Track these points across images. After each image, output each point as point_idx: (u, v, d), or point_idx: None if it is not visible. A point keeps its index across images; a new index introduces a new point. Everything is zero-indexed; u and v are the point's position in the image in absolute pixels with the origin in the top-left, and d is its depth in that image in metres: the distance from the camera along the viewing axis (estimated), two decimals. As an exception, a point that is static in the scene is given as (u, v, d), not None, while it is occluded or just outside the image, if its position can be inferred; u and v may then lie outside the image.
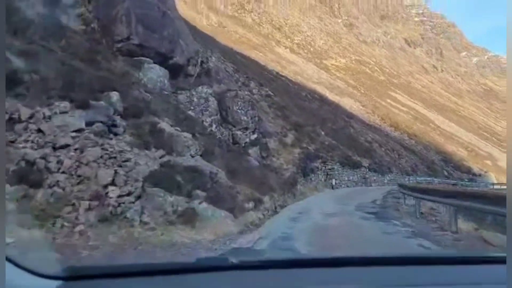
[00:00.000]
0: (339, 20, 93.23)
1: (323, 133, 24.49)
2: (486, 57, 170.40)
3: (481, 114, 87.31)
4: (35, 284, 1.14)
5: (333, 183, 23.57)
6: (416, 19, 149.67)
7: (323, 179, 23.23)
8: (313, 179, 22.31)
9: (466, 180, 38.38)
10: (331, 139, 24.10)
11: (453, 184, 28.56)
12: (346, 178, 25.42)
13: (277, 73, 29.40)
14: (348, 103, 31.09)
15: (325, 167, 23.25)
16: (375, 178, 28.03)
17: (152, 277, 1.33)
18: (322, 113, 25.57)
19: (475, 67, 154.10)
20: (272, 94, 23.86)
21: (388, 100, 45.37)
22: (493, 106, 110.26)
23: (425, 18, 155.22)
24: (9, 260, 1.08)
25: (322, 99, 29.71)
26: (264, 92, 23.88)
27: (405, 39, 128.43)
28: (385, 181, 28.74)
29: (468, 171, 42.64)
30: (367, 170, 27.22)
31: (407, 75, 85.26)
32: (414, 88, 72.29)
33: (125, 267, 1.64)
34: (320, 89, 31.11)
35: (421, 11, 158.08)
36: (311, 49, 52.94)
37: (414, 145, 32.04)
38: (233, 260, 1.41)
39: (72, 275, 1.28)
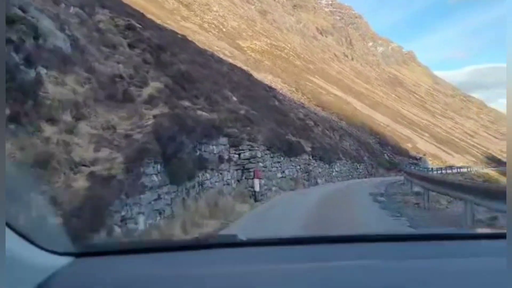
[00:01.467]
0: (252, 7, 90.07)
1: (235, 98, 14.88)
2: (390, 47, 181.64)
3: (390, 99, 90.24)
4: (45, 260, 1.12)
5: (256, 190, 12.18)
6: (326, 9, 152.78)
7: (232, 180, 11.85)
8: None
9: (410, 163, 37.41)
10: (248, 107, 14.46)
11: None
12: (279, 174, 15.22)
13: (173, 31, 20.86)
14: (267, 78, 26.77)
15: (238, 154, 12.22)
16: (320, 170, 19.93)
17: (162, 253, 1.36)
18: (233, 77, 16.70)
19: (381, 56, 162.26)
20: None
21: (308, 83, 42.54)
22: (399, 92, 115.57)
23: (334, 9, 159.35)
24: (19, 234, 1.06)
25: (234, 66, 22.47)
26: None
27: (317, 27, 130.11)
28: (333, 173, 22.21)
29: (407, 154, 41.41)
30: (310, 157, 18.61)
31: (321, 62, 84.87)
32: (329, 74, 71.40)
33: (136, 243, 1.72)
34: (234, 62, 26.29)
35: (330, 2, 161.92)
36: (223, 29, 48.58)
37: (346, 126, 28.94)
38: (242, 237, 1.44)
39: (83, 251, 1.29)
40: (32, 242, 1.10)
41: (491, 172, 54.89)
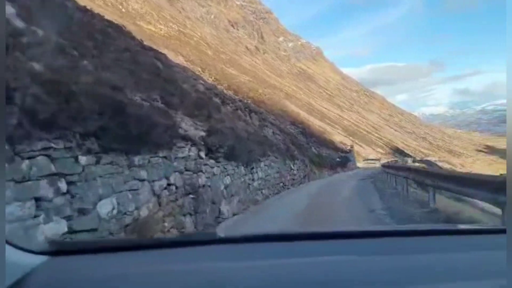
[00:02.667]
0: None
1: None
2: (299, 43, 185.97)
3: (302, 93, 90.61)
4: (20, 259, 1.11)
5: None
6: (237, 2, 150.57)
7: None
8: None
9: (341, 157, 35.73)
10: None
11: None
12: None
13: None
14: (170, 54, 22.40)
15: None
16: (228, 182, 9.40)
17: (140, 251, 1.33)
18: (126, 45, 12.44)
19: (291, 51, 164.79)
20: None
21: (219, 68, 38.80)
22: (310, 87, 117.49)
23: (245, 3, 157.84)
24: None
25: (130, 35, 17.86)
26: None
27: (228, 20, 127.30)
28: (255, 183, 11.94)
29: (335, 146, 39.35)
30: (202, 153, 8.34)
31: (234, 54, 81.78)
32: (242, 66, 68.47)
33: (113, 242, 1.65)
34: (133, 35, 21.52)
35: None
36: (123, 10, 42.76)
37: (266, 113, 25.52)
38: (221, 234, 1.45)
39: (57, 249, 1.26)
40: (6, 241, 1.08)
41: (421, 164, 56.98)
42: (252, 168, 11.43)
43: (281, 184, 15.53)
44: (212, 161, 7.83)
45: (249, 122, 17.21)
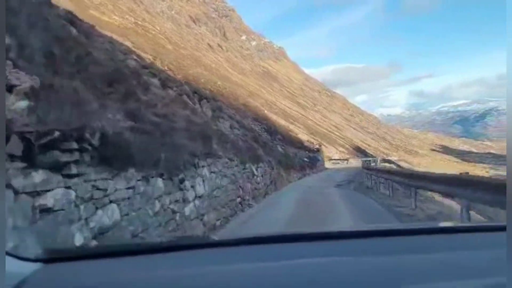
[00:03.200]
0: (116, -15, 79.95)
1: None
2: (262, 42, 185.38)
3: (265, 92, 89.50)
4: (13, 267, 1.12)
5: None
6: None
7: None
8: None
9: (309, 157, 34.23)
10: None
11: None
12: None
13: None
14: (117, 38, 20.14)
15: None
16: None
17: (134, 256, 1.33)
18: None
19: (254, 50, 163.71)
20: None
21: (174, 58, 36.46)
22: (273, 86, 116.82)
23: (207, 0, 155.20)
24: None
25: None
26: None
27: (190, 16, 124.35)
28: (187, 211, 6.33)
29: (302, 145, 37.69)
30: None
31: (195, 50, 79.34)
32: (204, 62, 66.21)
33: (107, 247, 1.67)
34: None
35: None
36: (73, -2, 39.73)
37: (226, 107, 23.42)
38: (215, 237, 1.51)
39: (52, 257, 1.27)
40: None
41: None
42: (183, 180, 6.30)
43: (239, 199, 10.66)
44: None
45: (197, 111, 13.52)
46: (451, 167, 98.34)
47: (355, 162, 49.87)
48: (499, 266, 1.06)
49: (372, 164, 39.26)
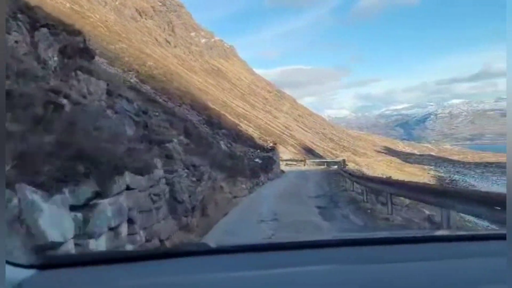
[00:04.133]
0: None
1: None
2: (213, 40, 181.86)
3: (215, 90, 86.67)
4: (7, 273, 1.10)
5: None
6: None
7: None
8: None
9: (263, 157, 29.02)
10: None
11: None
12: None
13: None
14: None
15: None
16: None
17: (130, 263, 1.33)
18: None
19: (204, 47, 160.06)
20: None
21: (115, 50, 32.94)
22: (223, 84, 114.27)
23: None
24: None
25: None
26: None
27: (136, 9, 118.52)
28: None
29: (254, 143, 34.28)
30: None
31: (140, 43, 74.76)
32: (150, 55, 62.12)
33: (102, 254, 1.64)
34: None
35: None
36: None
37: (165, 101, 20.27)
38: (211, 245, 1.47)
39: (46, 263, 1.26)
40: None
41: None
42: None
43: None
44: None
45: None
46: (394, 167, 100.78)
47: (310, 164, 47.04)
48: (492, 275, 1.06)
49: (334, 167, 37.17)
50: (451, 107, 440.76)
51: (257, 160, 25.95)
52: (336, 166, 37.80)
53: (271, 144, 36.21)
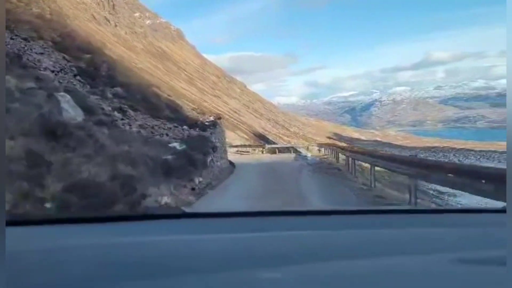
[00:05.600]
0: None
1: None
2: (158, 21, 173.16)
3: (159, 72, 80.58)
4: None
5: None
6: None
7: None
8: None
9: (191, 138, 24.33)
10: None
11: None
12: None
13: None
14: None
15: None
16: None
17: (102, 223, 1.32)
18: None
19: (148, 29, 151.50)
20: None
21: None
22: (168, 67, 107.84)
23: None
24: None
25: None
26: None
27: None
28: None
29: (184, 115, 28.71)
30: None
31: (73, 19, 66.85)
32: (86, 31, 54.99)
33: (73, 214, 1.56)
34: None
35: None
36: None
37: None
38: (186, 209, 1.45)
39: (12, 220, 1.25)
40: None
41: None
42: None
43: None
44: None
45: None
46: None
47: (268, 150, 38.34)
48: (474, 243, 1.08)
49: (308, 155, 28.57)
50: (394, 95, 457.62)
51: (176, 146, 11.95)
52: (309, 155, 28.72)
53: (211, 119, 21.65)
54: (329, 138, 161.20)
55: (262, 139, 70.20)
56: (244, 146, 44.42)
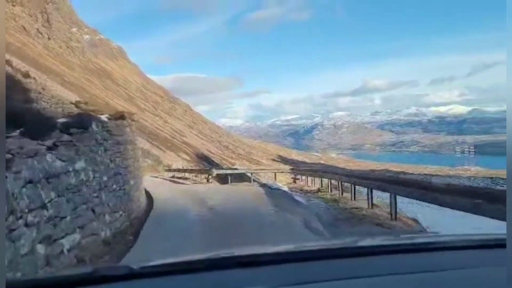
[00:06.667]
0: None
1: None
2: (98, 38, 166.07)
3: (94, 88, 75.46)
4: None
5: None
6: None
7: None
8: None
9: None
10: None
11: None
12: None
13: None
14: None
15: None
16: None
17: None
18: None
19: (87, 45, 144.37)
20: None
21: None
22: (107, 84, 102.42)
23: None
24: None
25: None
26: None
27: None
28: None
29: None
30: None
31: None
32: (13, 44, 49.79)
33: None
34: None
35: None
36: None
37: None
38: (134, 266, 1.23)
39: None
40: None
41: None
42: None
43: None
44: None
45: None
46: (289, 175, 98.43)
47: (216, 177, 26.98)
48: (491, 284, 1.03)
49: (275, 187, 20.29)
50: (335, 119, 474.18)
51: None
52: (284, 188, 20.40)
53: (103, 117, 10.05)
54: (274, 160, 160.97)
55: (206, 161, 67.01)
56: (183, 170, 33.57)
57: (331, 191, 16.84)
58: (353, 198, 14.68)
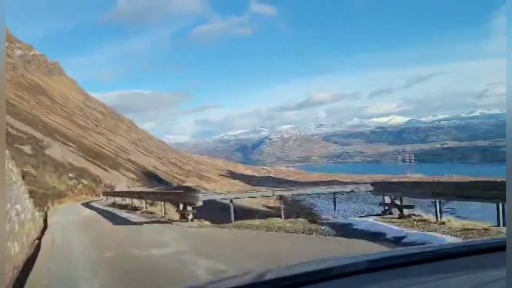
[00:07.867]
0: None
1: None
2: (31, 53, 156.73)
3: (27, 105, 69.78)
4: None
5: None
6: None
7: None
8: None
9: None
10: None
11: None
12: None
13: None
14: None
15: None
16: None
17: None
18: None
19: (19, 60, 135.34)
20: None
21: None
22: (42, 101, 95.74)
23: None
24: None
25: None
26: None
27: None
28: None
29: None
30: None
31: None
32: None
33: None
34: None
35: None
36: None
37: None
38: None
39: None
40: None
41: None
42: None
43: None
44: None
45: None
46: (239, 189, 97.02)
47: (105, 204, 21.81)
48: None
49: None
50: (282, 132, 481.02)
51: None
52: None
53: None
54: (222, 175, 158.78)
55: (153, 178, 63.69)
56: (129, 193, 25.90)
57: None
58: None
